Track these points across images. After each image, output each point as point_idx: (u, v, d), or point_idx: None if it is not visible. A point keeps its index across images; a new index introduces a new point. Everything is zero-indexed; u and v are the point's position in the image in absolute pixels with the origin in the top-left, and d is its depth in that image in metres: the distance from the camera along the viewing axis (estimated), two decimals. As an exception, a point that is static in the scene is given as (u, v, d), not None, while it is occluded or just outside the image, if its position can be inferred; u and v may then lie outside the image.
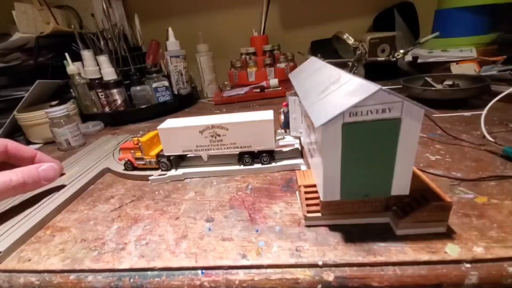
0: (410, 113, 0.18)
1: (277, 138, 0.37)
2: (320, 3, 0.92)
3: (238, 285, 0.20)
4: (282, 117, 0.37)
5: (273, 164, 0.35)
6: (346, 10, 0.92)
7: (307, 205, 0.24)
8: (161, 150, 0.36)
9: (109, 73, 0.62)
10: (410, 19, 0.81)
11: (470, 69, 0.59)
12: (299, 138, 0.36)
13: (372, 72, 0.63)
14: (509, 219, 0.22)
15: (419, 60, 0.68)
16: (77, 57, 0.64)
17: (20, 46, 0.68)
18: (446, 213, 0.21)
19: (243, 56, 0.81)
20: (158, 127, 0.34)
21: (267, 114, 0.33)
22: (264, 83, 0.73)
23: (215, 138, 0.34)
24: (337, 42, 0.73)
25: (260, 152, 0.34)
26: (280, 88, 0.73)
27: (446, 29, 0.67)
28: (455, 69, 0.60)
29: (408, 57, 0.72)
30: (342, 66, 0.54)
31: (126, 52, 0.69)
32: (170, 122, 0.35)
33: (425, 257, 0.20)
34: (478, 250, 0.20)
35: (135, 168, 0.38)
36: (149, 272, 0.22)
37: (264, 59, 0.78)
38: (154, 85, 0.67)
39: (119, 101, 0.65)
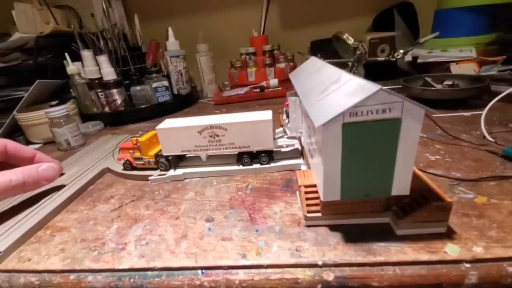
0: (410, 113, 0.18)
1: (277, 136, 0.37)
2: (320, 3, 0.92)
3: (238, 285, 0.20)
4: (285, 116, 0.37)
5: (273, 164, 0.35)
6: (346, 10, 0.92)
7: (307, 205, 0.24)
8: (160, 150, 0.36)
9: (109, 73, 0.62)
10: (410, 19, 0.81)
11: (470, 69, 0.59)
12: (299, 138, 0.36)
13: (372, 72, 0.63)
14: (509, 219, 0.22)
15: (419, 60, 0.68)
16: (77, 57, 0.64)
17: (20, 46, 0.68)
18: (446, 213, 0.21)
19: (243, 56, 0.81)
20: (157, 127, 0.34)
21: (266, 114, 0.33)
22: (264, 83, 0.73)
23: (214, 138, 0.34)
24: (337, 42, 0.73)
25: (259, 152, 0.34)
26: (280, 88, 0.73)
27: (446, 29, 0.67)
28: (455, 69, 0.60)
29: (408, 57, 0.72)
30: (342, 66, 0.54)
31: (126, 52, 0.69)
32: (169, 122, 0.35)
33: (425, 257, 0.20)
34: (478, 250, 0.20)
35: (134, 168, 0.38)
36: (149, 272, 0.22)
37: (264, 59, 0.78)
38: (154, 85, 0.67)
39: (119, 101, 0.65)
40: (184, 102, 0.76)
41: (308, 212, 0.24)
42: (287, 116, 0.36)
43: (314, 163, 0.25)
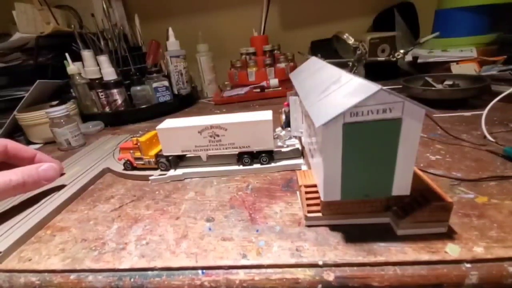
0: (411, 113, 0.18)
1: (284, 139, 0.37)
2: (320, 3, 0.92)
3: (238, 285, 0.20)
4: (283, 116, 0.37)
5: (273, 164, 0.35)
6: (346, 10, 0.92)
7: (308, 205, 0.24)
8: (160, 150, 0.36)
9: (109, 73, 0.62)
10: (410, 19, 0.81)
11: (470, 69, 0.59)
12: (299, 138, 0.36)
13: (372, 72, 0.63)
14: (509, 219, 0.22)
15: (419, 60, 0.68)
16: (77, 57, 0.64)
17: (20, 46, 0.68)
18: (447, 213, 0.21)
19: (243, 56, 0.81)
20: (157, 127, 0.34)
21: (266, 114, 0.33)
22: (264, 83, 0.73)
23: (214, 138, 0.34)
24: (337, 42, 0.73)
25: (259, 152, 0.34)
26: (280, 88, 0.73)
27: (446, 29, 0.67)
28: (455, 69, 0.60)
29: (408, 57, 0.72)
30: (342, 66, 0.54)
31: (126, 52, 0.69)
32: (169, 122, 0.35)
33: (425, 257, 0.20)
34: (478, 250, 0.20)
35: (134, 168, 0.38)
36: (149, 272, 0.22)
37: (264, 59, 0.78)
38: (154, 85, 0.67)
39: (119, 101, 0.65)
40: (184, 102, 0.76)
41: (309, 212, 0.24)
42: (286, 117, 0.36)
43: (315, 163, 0.25)
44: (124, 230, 0.27)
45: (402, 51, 0.56)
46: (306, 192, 0.24)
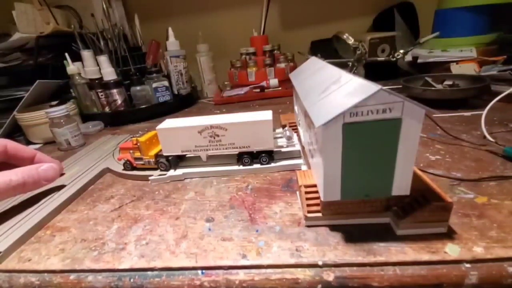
0: (411, 113, 0.18)
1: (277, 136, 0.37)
2: (320, 3, 0.92)
3: (238, 285, 0.20)
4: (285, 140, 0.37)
5: (273, 164, 0.35)
6: (346, 10, 0.92)
7: (308, 205, 0.24)
8: (160, 150, 0.36)
9: (109, 73, 0.62)
10: (410, 19, 0.80)
11: (470, 69, 0.59)
12: (299, 138, 0.36)
13: (372, 72, 0.63)
14: (509, 219, 0.22)
15: (419, 60, 0.67)
16: (77, 57, 0.64)
17: (20, 46, 0.68)
18: (447, 213, 0.21)
19: (243, 56, 0.81)
20: (157, 127, 0.34)
21: (266, 114, 0.33)
22: (264, 83, 0.73)
23: (214, 138, 0.34)
24: (337, 42, 0.73)
25: (259, 152, 0.34)
26: (280, 88, 0.73)
27: (446, 29, 0.67)
28: (455, 69, 0.60)
29: (408, 57, 0.72)
30: (342, 66, 0.53)
31: (126, 52, 0.69)
32: (169, 122, 0.35)
33: (425, 257, 0.20)
34: (478, 250, 0.20)
35: (134, 168, 0.38)
36: (149, 272, 0.22)
37: (264, 59, 0.78)
38: (154, 85, 0.67)
39: (119, 101, 0.65)
40: (184, 102, 0.76)
41: (309, 212, 0.24)
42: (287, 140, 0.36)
43: (314, 163, 0.25)
44: (124, 230, 0.27)
45: (402, 51, 0.56)
46: (306, 192, 0.24)
